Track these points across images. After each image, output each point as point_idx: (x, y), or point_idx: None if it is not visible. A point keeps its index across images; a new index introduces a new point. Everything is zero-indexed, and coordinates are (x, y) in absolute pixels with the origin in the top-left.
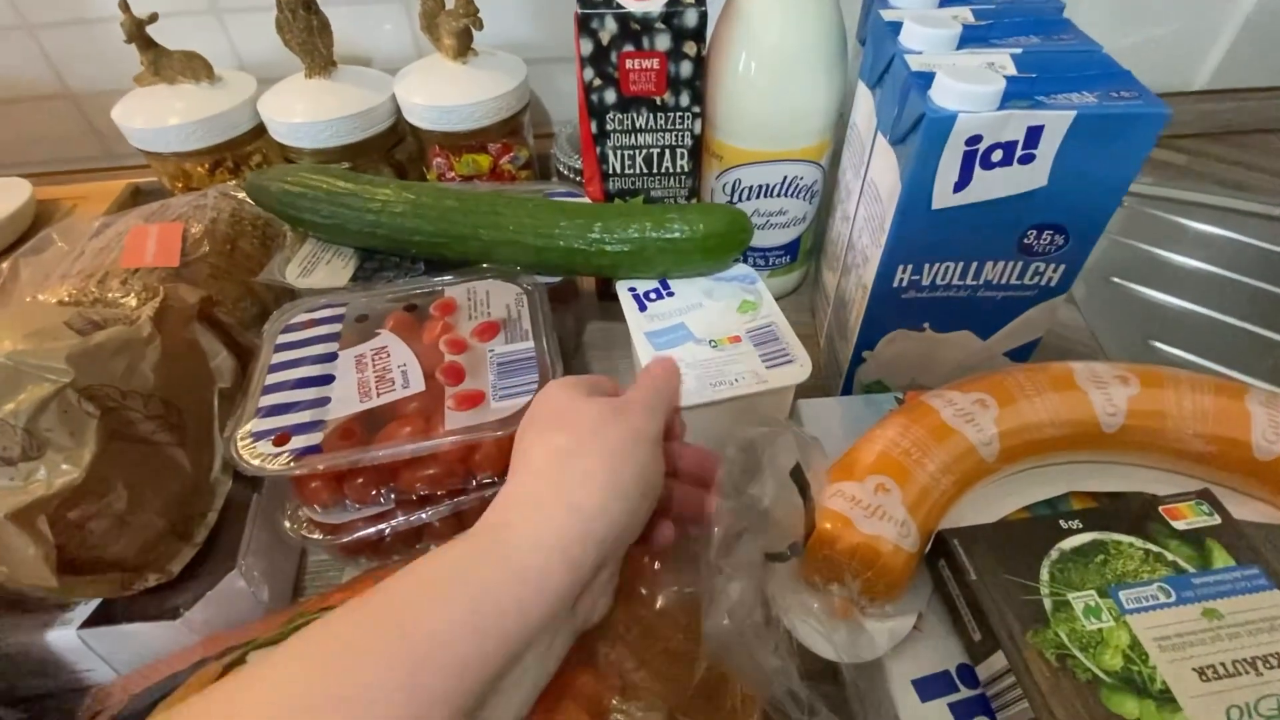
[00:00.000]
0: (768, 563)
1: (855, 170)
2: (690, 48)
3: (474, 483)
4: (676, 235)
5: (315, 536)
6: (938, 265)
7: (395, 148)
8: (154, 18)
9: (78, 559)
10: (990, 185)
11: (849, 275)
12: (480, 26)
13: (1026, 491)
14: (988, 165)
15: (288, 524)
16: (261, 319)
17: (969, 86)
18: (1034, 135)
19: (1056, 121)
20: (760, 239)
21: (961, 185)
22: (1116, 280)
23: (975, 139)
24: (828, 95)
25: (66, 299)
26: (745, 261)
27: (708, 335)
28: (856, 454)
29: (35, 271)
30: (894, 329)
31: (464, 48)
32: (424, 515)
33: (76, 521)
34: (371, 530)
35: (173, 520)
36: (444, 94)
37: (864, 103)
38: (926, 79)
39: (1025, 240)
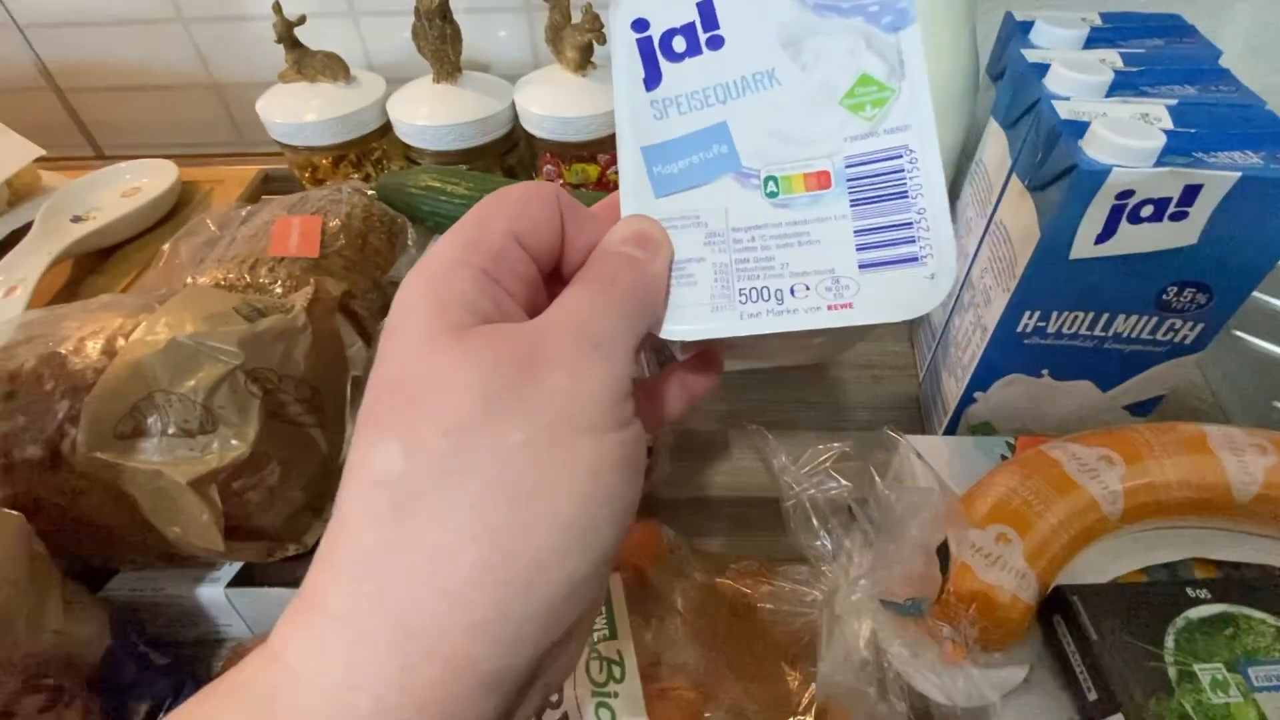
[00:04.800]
0: (884, 608)
1: (979, 208)
2: None
3: None
4: None
5: None
6: (1067, 314)
7: (509, 153)
8: (303, 20)
9: (235, 526)
10: (1135, 239)
11: (965, 313)
12: (603, 41)
13: (1144, 553)
14: (1135, 220)
15: None
16: (385, 311)
17: (1126, 141)
18: (1190, 194)
19: (1218, 182)
20: None
21: (1104, 238)
22: (1237, 333)
23: (1126, 194)
24: (955, 131)
25: (221, 282)
26: None
27: (767, 164)
28: (976, 499)
29: (193, 254)
30: (1011, 373)
31: (585, 61)
32: None
33: (238, 491)
34: None
35: (310, 496)
36: (563, 105)
37: (995, 142)
38: (1078, 128)
39: (1164, 296)
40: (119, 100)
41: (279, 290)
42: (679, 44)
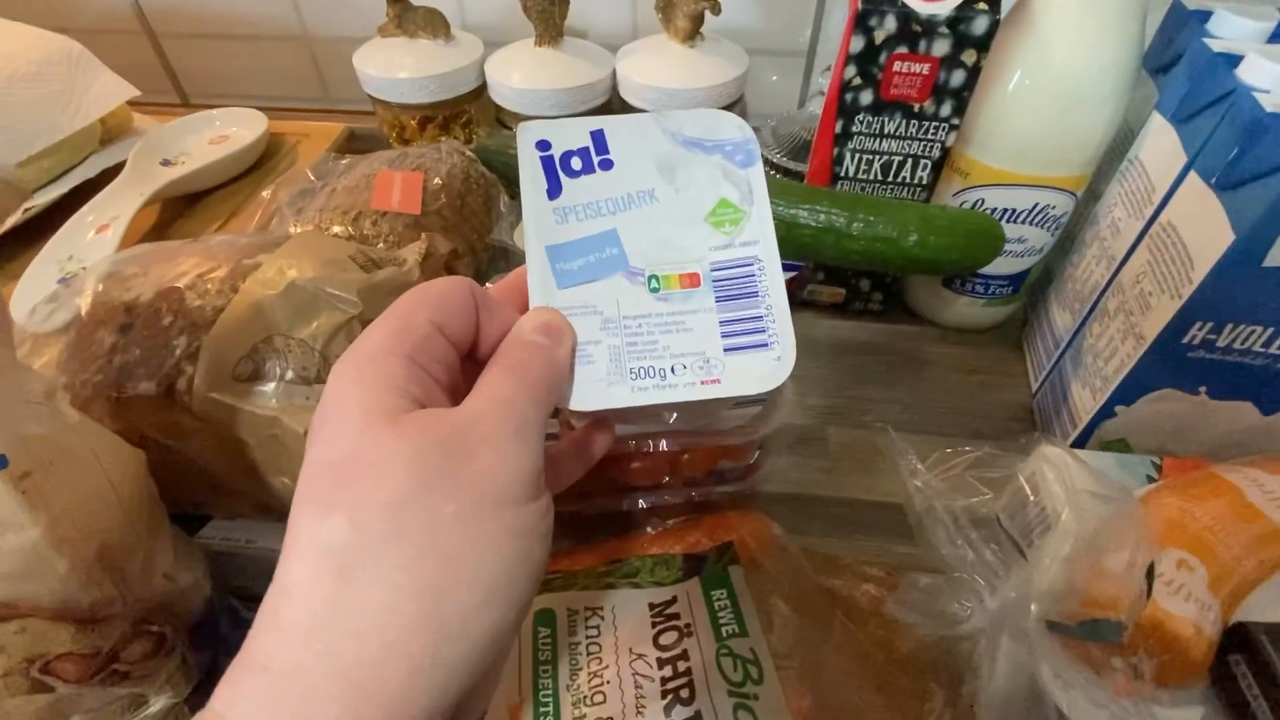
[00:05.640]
0: (1050, 633)
1: (1133, 209)
2: (970, 56)
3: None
4: (940, 228)
5: None
6: (1243, 327)
7: None
8: None
9: None
10: None
11: (1109, 320)
12: (718, 11)
13: None
14: None
15: None
16: (476, 275)
17: None
18: None
19: None
20: (986, 266)
21: None
22: None
23: None
24: (1109, 124)
25: (325, 231)
26: (963, 287)
27: (649, 264)
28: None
29: (290, 202)
30: (1164, 387)
31: (694, 31)
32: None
33: None
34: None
35: None
36: (670, 76)
37: (1160, 138)
38: None
39: None
40: (209, 47)
41: (382, 244)
42: (576, 163)
